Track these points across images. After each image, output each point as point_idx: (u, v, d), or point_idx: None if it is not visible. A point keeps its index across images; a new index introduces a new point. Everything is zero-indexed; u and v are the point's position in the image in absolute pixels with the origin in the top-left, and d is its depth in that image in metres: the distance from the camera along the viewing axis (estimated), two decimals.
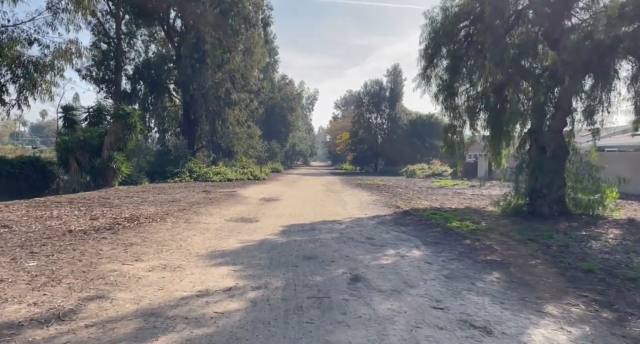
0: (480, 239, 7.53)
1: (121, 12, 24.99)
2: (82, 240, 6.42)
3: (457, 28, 11.93)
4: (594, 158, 10.69)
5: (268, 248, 6.55)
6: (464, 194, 16.76)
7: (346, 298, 4.23)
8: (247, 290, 4.37)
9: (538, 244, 6.97)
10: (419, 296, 4.36)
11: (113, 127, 19.05)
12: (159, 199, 12.96)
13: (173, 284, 4.40)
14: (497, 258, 6.17)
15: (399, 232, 8.26)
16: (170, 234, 7.34)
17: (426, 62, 12.94)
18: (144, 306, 3.71)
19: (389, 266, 5.58)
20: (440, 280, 4.95)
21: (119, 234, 7.02)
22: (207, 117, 27.83)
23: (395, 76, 48.17)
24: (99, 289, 4.12)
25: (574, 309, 3.97)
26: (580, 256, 6.15)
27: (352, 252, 6.41)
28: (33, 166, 18.13)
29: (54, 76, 15.74)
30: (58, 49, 15.43)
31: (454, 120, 13.02)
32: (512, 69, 10.63)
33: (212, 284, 4.48)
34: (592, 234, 8.01)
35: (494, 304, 4.11)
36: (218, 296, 4.14)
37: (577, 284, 4.74)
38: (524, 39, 10.68)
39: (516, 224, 9.04)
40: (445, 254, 6.40)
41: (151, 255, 5.70)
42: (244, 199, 14.25)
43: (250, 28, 27.84)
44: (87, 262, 5.11)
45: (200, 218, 9.43)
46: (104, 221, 8.23)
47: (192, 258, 5.69)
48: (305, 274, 5.11)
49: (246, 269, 5.20)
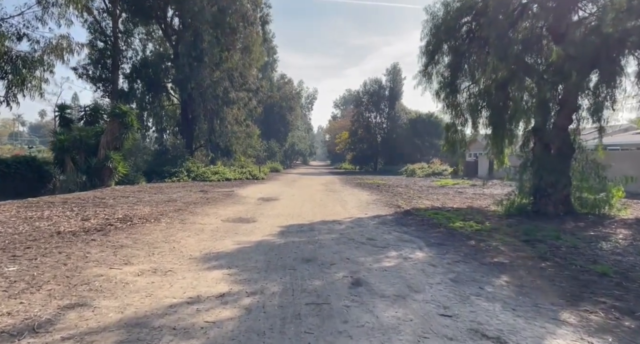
0: (486, 239, 7.26)
1: (118, 10, 24.69)
2: (70, 242, 6.12)
3: (459, 23, 11.66)
4: (601, 156, 10.43)
5: (265, 250, 6.27)
6: (465, 193, 16.49)
7: (347, 305, 3.96)
8: (242, 296, 4.09)
9: (546, 245, 6.70)
10: (425, 302, 4.08)
11: (109, 126, 18.75)
12: (155, 199, 12.68)
13: (162, 290, 4.11)
14: (504, 259, 5.90)
15: (401, 233, 7.98)
16: (163, 235, 7.05)
17: (427, 59, 12.66)
18: (129, 316, 3.43)
19: (392, 269, 5.31)
20: (447, 284, 4.67)
21: (110, 236, 6.72)
22: (205, 116, 27.51)
23: (395, 75, 47.86)
24: (82, 296, 3.83)
25: (592, 316, 3.70)
26: (591, 257, 5.88)
27: (353, 254, 6.14)
28: (29, 166, 17.87)
29: (44, 72, 15.34)
30: (48, 45, 15.06)
31: (455, 118, 12.75)
32: (515, 65, 10.37)
33: (205, 290, 4.20)
34: (601, 234, 7.75)
35: (506, 311, 3.84)
36: (210, 303, 3.86)
37: (593, 289, 4.47)
38: (527, 34, 10.39)
39: (521, 224, 8.77)
40: (450, 255, 6.12)
41: (142, 258, 5.41)
42: (241, 199, 13.97)
43: (249, 26, 27.54)
44: (72, 266, 4.81)
45: (196, 219, 9.15)
46: (95, 222, 7.94)
47: (184, 260, 5.41)
48: (304, 278, 4.83)
49: (241, 273, 4.93)
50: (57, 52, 15.11)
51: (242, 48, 28.22)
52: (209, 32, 24.36)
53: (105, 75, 24.69)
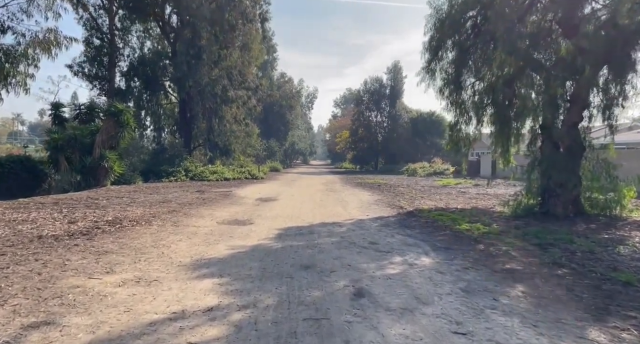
0: (495, 243, 6.86)
1: (114, 6, 24.26)
2: (50, 248, 5.70)
3: (464, 17, 11.24)
4: (612, 155, 10.01)
5: (261, 255, 5.87)
6: (468, 193, 16.08)
7: (349, 320, 3.56)
8: (232, 310, 3.69)
9: (560, 250, 6.29)
10: (435, 316, 3.68)
11: (105, 125, 18.35)
12: (149, 200, 12.28)
13: (144, 304, 3.71)
14: (517, 266, 5.49)
15: (405, 236, 7.58)
16: (153, 239, 6.65)
17: (430, 55, 12.25)
18: (101, 336, 3.01)
19: (397, 277, 4.90)
20: (458, 295, 4.27)
21: (95, 240, 6.31)
22: (204, 115, 27.07)
23: (396, 73, 47.37)
24: (51, 312, 3.42)
25: (624, 334, 3.29)
26: (610, 264, 5.47)
27: (355, 259, 5.73)
28: (23, 165, 17.48)
29: (28, 67, 14.77)
30: (35, 38, 14.49)
31: (459, 116, 12.34)
32: (523, 60, 9.95)
33: (191, 303, 3.80)
34: (615, 237, 7.34)
35: (526, 327, 3.43)
36: (196, 319, 3.45)
37: (619, 301, 4.06)
38: (536, 28, 9.98)
39: (530, 226, 8.36)
40: (458, 261, 5.72)
41: (126, 265, 5.00)
42: (239, 200, 13.57)
43: (248, 23, 27.11)
44: (47, 276, 4.40)
45: (190, 221, 8.75)
46: (82, 225, 7.53)
47: (172, 268, 5.00)
48: (302, 288, 4.43)
49: (233, 282, 4.52)
50: (43, 46, 14.52)
51: (241, 46, 27.79)
52: (207, 29, 23.94)
53: (101, 73, 24.27)
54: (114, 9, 24.12)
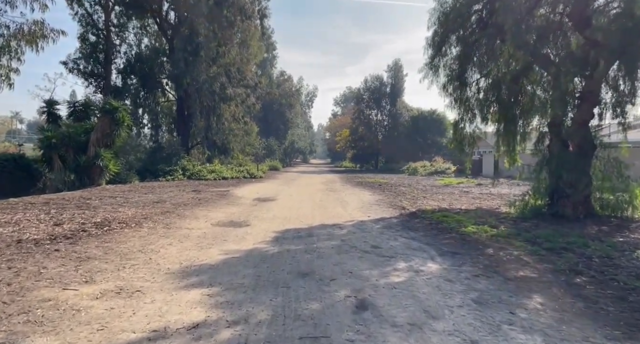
0: (504, 247, 6.47)
1: (111, 2, 23.80)
2: (28, 254, 5.30)
3: (469, 11, 10.82)
4: (625, 154, 9.61)
5: (256, 261, 5.48)
6: (471, 193, 15.68)
7: (351, 338, 3.17)
8: (220, 327, 3.30)
9: (575, 255, 5.90)
10: (447, 333, 3.29)
11: (100, 123, 17.95)
12: (143, 200, 11.88)
13: (121, 320, 3.31)
14: (531, 273, 5.10)
15: (409, 239, 7.19)
16: (141, 243, 6.25)
17: (434, 51, 11.83)
18: None
19: (402, 286, 4.51)
20: (470, 307, 3.88)
21: (78, 245, 5.90)
22: (202, 113, 26.66)
23: (396, 71, 46.93)
24: (13, 331, 3.02)
25: None
26: (632, 271, 5.08)
27: (356, 266, 5.34)
28: (17, 164, 17.02)
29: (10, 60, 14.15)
30: (19, 30, 13.90)
31: (464, 113, 11.93)
32: (532, 55, 9.56)
33: (175, 319, 3.40)
34: (631, 240, 6.97)
35: None
36: (178, 338, 3.06)
37: None
38: (545, 22, 9.58)
39: (540, 229, 7.96)
40: (467, 268, 5.33)
41: (108, 273, 4.60)
42: (236, 200, 13.17)
43: (246, 20, 26.68)
44: (17, 287, 4.00)
45: (183, 222, 8.35)
46: (68, 227, 7.13)
47: (159, 276, 4.61)
48: (299, 299, 4.04)
49: (224, 293, 4.13)
50: (28, 39, 13.95)
51: (240, 42, 27.36)
52: (205, 25, 23.52)
53: (97, 70, 23.82)
54: (110, 4, 23.67)
